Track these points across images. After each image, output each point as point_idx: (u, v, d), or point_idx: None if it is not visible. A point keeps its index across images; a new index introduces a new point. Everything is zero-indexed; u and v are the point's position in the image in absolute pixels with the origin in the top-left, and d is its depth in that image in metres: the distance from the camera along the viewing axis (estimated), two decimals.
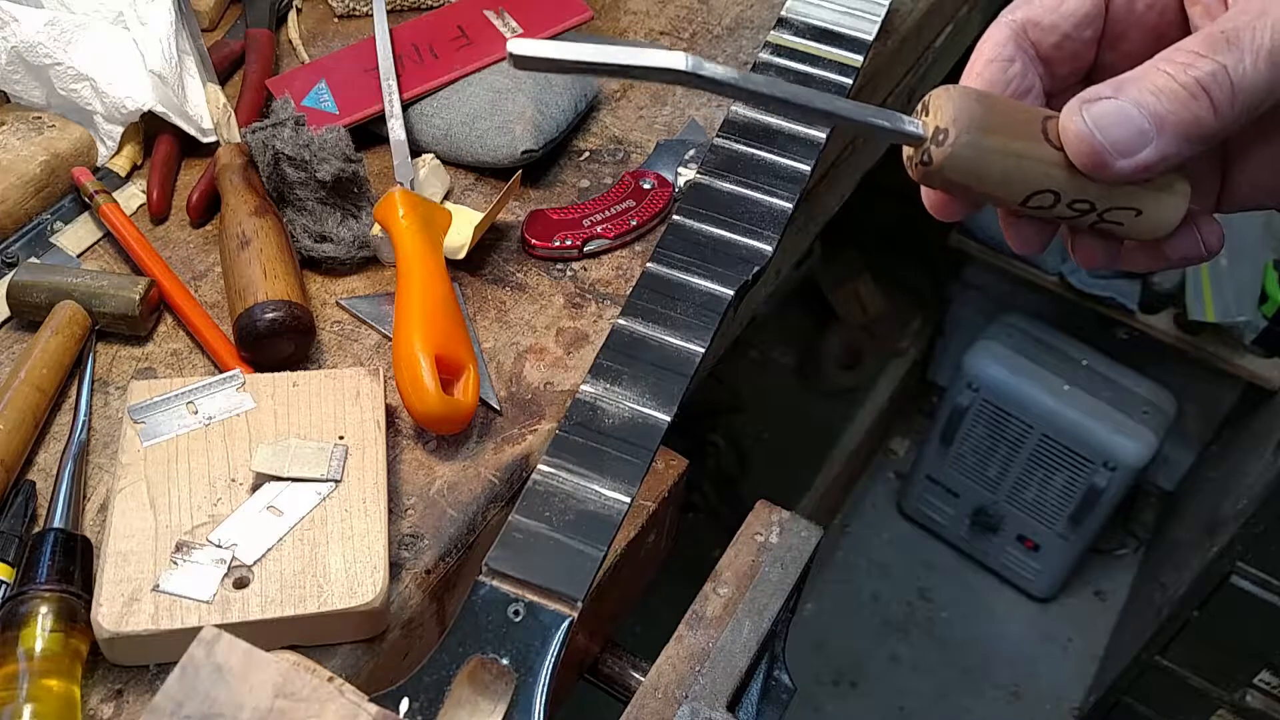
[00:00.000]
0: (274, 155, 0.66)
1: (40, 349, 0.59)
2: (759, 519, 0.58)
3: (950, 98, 0.37)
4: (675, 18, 0.87)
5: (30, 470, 0.57)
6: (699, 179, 0.58)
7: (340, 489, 0.53)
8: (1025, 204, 0.38)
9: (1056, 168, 0.37)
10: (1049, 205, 0.38)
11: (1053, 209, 0.38)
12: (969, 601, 2.07)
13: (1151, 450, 1.78)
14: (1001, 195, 0.38)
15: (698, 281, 0.54)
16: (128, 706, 0.49)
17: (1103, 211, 0.38)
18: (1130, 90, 0.35)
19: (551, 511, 0.46)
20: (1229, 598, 1.47)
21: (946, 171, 0.37)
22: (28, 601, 0.48)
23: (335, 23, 0.86)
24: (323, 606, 0.49)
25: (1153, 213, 0.38)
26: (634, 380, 0.50)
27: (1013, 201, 0.38)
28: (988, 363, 1.88)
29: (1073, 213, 0.38)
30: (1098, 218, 0.38)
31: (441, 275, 0.61)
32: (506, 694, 0.42)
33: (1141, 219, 0.38)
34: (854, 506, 2.18)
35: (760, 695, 0.58)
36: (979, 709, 1.94)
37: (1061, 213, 0.38)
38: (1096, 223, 0.39)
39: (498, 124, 0.72)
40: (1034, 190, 0.37)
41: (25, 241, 0.67)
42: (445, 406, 0.56)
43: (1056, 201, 0.38)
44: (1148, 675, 1.66)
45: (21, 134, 0.69)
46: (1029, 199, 0.38)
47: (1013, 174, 0.37)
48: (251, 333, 0.60)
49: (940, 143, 0.36)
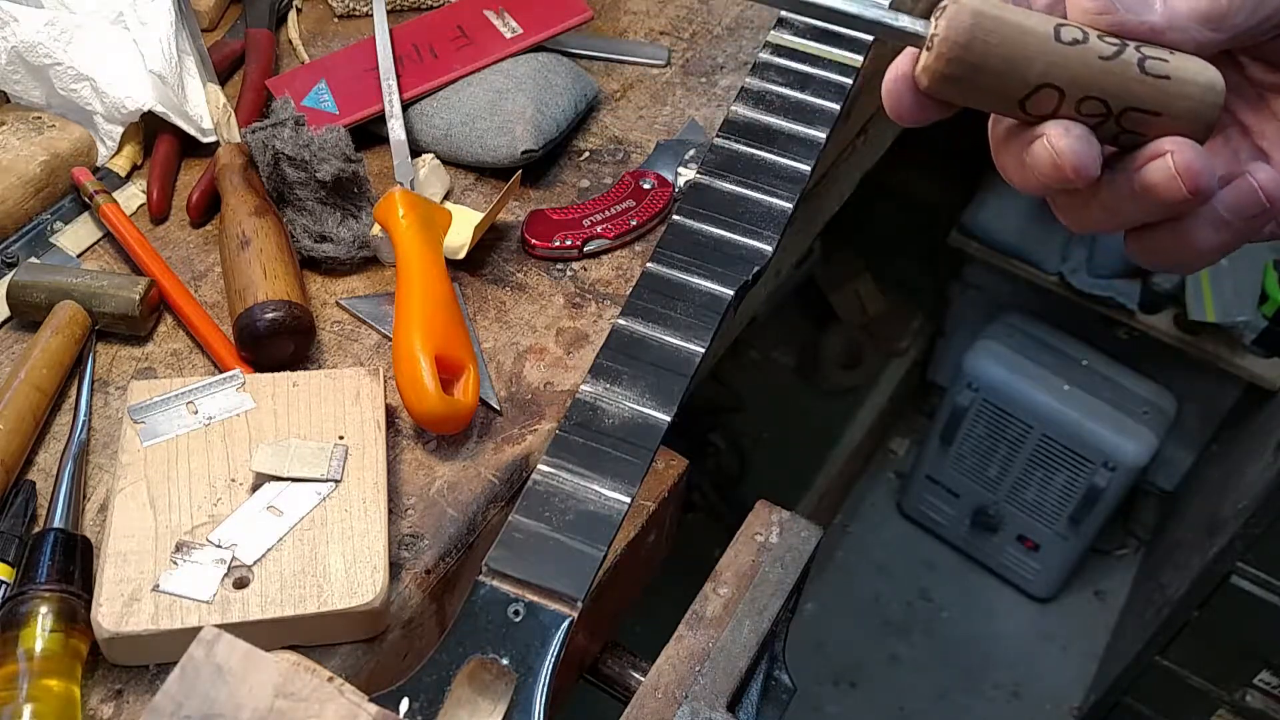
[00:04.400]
0: (274, 155, 0.66)
1: (40, 349, 0.59)
2: (759, 519, 0.58)
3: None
4: (675, 18, 0.87)
5: (30, 470, 0.57)
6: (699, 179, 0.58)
7: (340, 489, 0.53)
8: (1028, 100, 0.35)
9: (1061, 55, 0.35)
10: (1053, 107, 0.35)
11: (1058, 111, 0.35)
12: (969, 601, 2.07)
13: (1151, 450, 1.78)
14: (1002, 87, 0.35)
15: (698, 281, 0.54)
16: (128, 706, 0.49)
17: (1120, 113, 0.35)
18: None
19: (551, 511, 0.46)
20: (1229, 598, 1.47)
21: (949, 62, 0.35)
22: (28, 601, 0.48)
23: (335, 23, 0.86)
24: (323, 606, 0.49)
25: (1176, 106, 0.35)
26: (634, 380, 0.50)
27: (1015, 95, 0.35)
28: (988, 363, 1.88)
29: (1082, 115, 0.35)
30: (1116, 125, 0.35)
31: (441, 275, 0.61)
32: (506, 694, 0.42)
33: (1163, 120, 0.35)
34: (854, 506, 2.18)
35: (760, 695, 0.58)
36: (979, 709, 1.94)
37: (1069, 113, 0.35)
38: (1118, 134, 0.36)
39: (498, 124, 0.72)
40: (1040, 83, 0.35)
41: (25, 241, 0.67)
42: (445, 406, 0.56)
43: (1061, 100, 0.35)
44: (1148, 675, 1.66)
45: (21, 134, 0.69)
46: (1033, 94, 0.35)
47: (1017, 55, 0.35)
48: (251, 333, 0.60)
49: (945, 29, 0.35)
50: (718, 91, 0.81)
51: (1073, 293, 1.79)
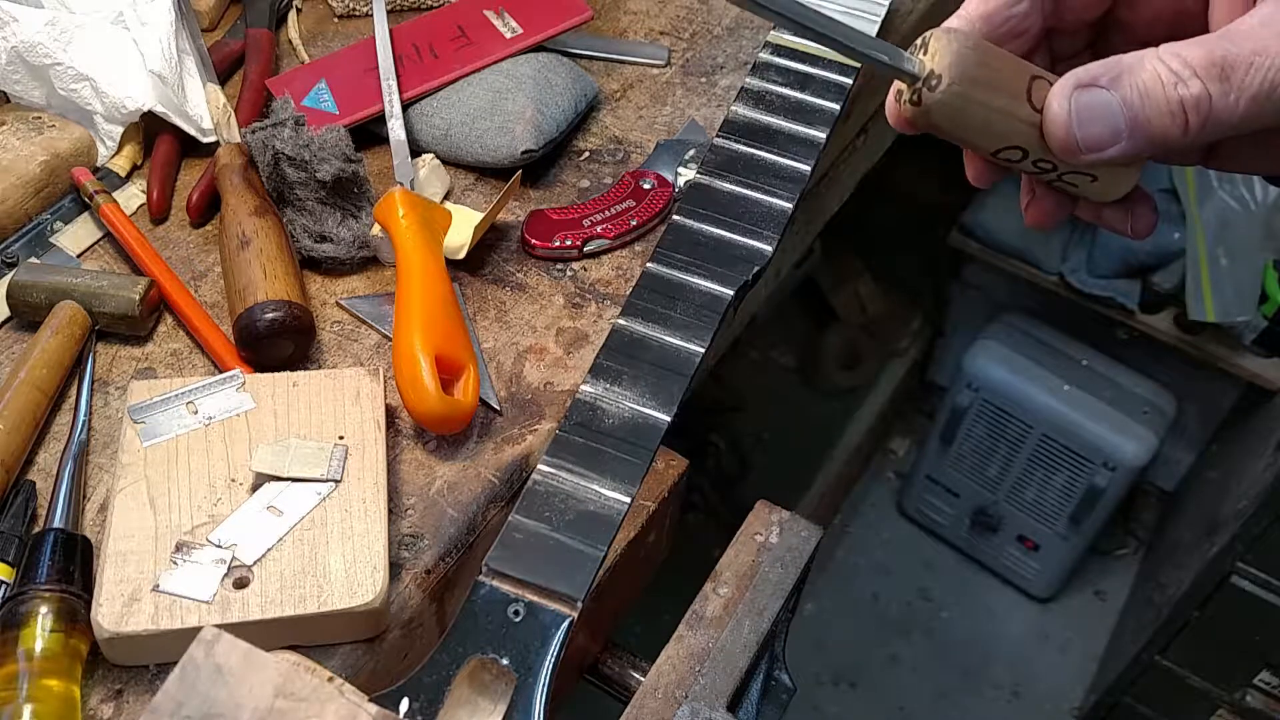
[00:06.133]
0: (274, 155, 0.66)
1: (40, 349, 0.59)
2: (759, 519, 0.58)
3: (948, 43, 0.38)
4: (675, 18, 0.87)
5: (30, 470, 0.57)
6: (699, 179, 0.58)
7: (340, 489, 0.53)
8: (996, 155, 0.41)
9: (1032, 130, 0.39)
10: (1017, 160, 0.41)
11: (1019, 163, 0.41)
12: (969, 601, 2.07)
13: (1151, 450, 1.78)
14: (977, 143, 0.41)
15: (698, 281, 0.54)
16: (128, 706, 0.49)
17: (1063, 174, 0.41)
18: (1123, 83, 0.37)
19: (551, 511, 0.46)
20: (1229, 598, 1.47)
21: (933, 116, 0.39)
22: (28, 601, 0.48)
23: (335, 23, 0.86)
24: (323, 606, 0.49)
25: (1107, 181, 0.42)
26: (634, 380, 0.50)
27: (985, 151, 0.41)
28: (988, 363, 1.88)
29: (1036, 169, 0.41)
30: (1057, 177, 0.41)
31: (441, 275, 0.61)
32: (506, 694, 0.42)
33: (1096, 185, 0.42)
34: (854, 506, 2.18)
35: (760, 695, 0.58)
36: (979, 709, 1.94)
37: (1026, 167, 0.41)
38: (1055, 181, 0.42)
39: (498, 124, 0.72)
40: (1006, 145, 0.40)
41: (25, 241, 0.67)
42: (445, 406, 0.56)
43: (1024, 157, 0.40)
44: (1148, 675, 1.66)
45: (21, 134, 0.69)
46: (1000, 151, 0.40)
47: (991, 127, 0.39)
48: (251, 333, 0.60)
49: (932, 88, 0.38)
50: (718, 91, 0.81)
51: (1073, 293, 1.79)
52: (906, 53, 0.39)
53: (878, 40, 0.39)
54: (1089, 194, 0.43)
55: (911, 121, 0.40)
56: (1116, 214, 0.44)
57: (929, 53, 0.39)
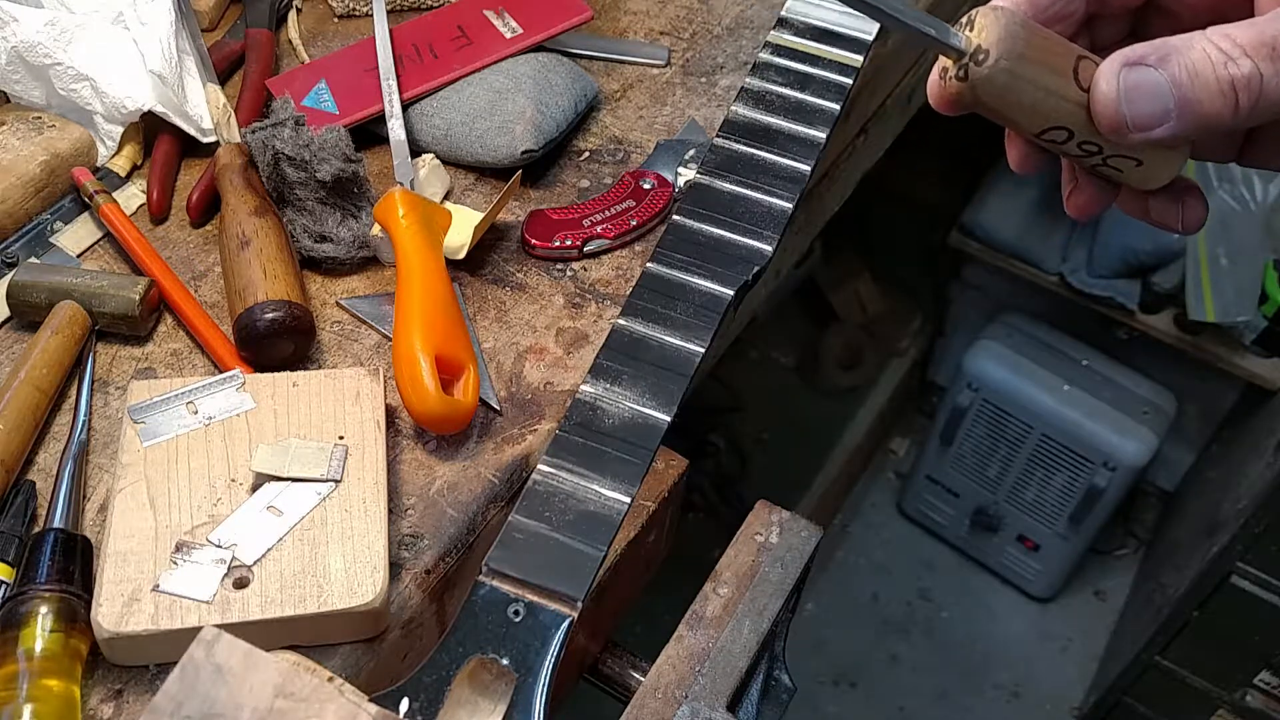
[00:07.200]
0: (274, 155, 0.66)
1: (40, 349, 0.59)
2: (759, 519, 0.58)
3: (996, 19, 0.38)
4: (675, 18, 0.87)
5: (30, 470, 0.57)
6: (699, 179, 0.58)
7: (340, 489, 0.53)
8: (1041, 135, 0.39)
9: (1078, 109, 0.38)
10: (1061, 141, 0.39)
11: (1064, 145, 0.40)
12: (969, 601, 2.07)
13: (1151, 450, 1.78)
14: (1022, 123, 0.39)
15: (698, 281, 0.53)
16: (128, 706, 0.49)
17: (1108, 156, 0.40)
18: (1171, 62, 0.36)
19: (551, 511, 0.46)
20: (1229, 598, 1.47)
21: (979, 91, 0.38)
22: (28, 601, 0.48)
23: (335, 23, 0.86)
24: (323, 606, 0.49)
25: (1152, 165, 0.40)
26: (634, 380, 0.50)
27: (1030, 131, 0.39)
28: (988, 363, 1.88)
29: (1080, 152, 0.40)
30: (1102, 161, 0.40)
31: (441, 275, 0.61)
32: (506, 694, 0.42)
33: (1141, 170, 0.40)
34: (854, 506, 2.18)
35: (760, 695, 0.58)
36: (979, 709, 1.94)
37: (1070, 150, 0.40)
38: (1099, 165, 0.40)
39: (498, 124, 0.72)
40: (1052, 125, 0.39)
41: (25, 241, 0.67)
42: (445, 406, 0.56)
43: (1069, 139, 0.39)
44: (1148, 675, 1.66)
45: (21, 134, 0.69)
46: (1045, 132, 0.39)
47: (1038, 106, 0.38)
48: (251, 333, 0.60)
49: (979, 63, 0.38)
50: (718, 91, 0.81)
51: (1073, 293, 1.79)
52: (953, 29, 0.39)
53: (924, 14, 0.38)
54: (1132, 180, 0.41)
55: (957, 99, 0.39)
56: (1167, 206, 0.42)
57: (976, 29, 0.38)
